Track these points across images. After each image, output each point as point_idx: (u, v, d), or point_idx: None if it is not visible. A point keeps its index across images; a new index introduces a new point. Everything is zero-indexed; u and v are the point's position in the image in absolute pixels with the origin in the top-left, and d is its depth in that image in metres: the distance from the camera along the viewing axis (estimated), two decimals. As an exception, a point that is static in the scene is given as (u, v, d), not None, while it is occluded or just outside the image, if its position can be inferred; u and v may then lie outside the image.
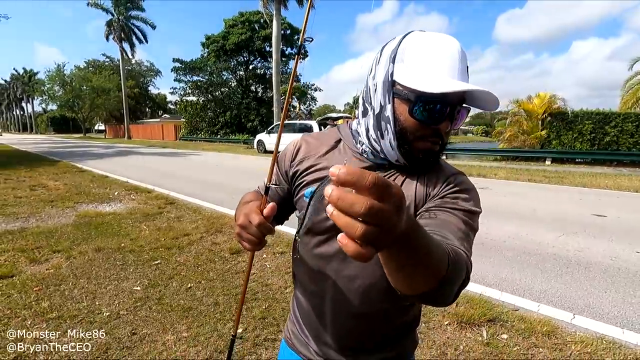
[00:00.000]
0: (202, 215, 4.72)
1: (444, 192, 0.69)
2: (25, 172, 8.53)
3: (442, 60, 0.62)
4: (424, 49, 0.63)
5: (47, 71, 36.26)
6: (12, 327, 2.06)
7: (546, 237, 3.91)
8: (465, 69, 0.63)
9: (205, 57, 30.10)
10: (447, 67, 0.61)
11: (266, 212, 0.63)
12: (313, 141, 0.81)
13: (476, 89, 0.60)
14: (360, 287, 0.72)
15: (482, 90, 0.60)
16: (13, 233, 3.83)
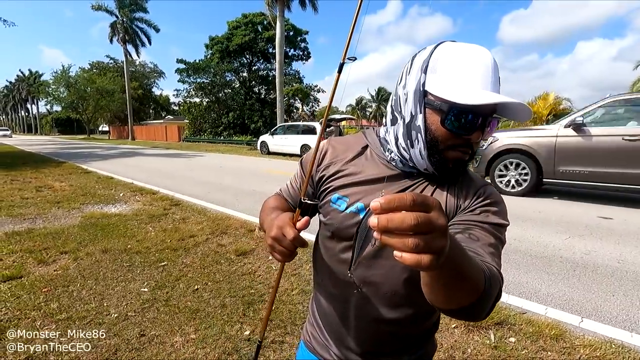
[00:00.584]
0: (207, 216, 4.74)
1: (474, 205, 0.70)
2: (31, 173, 8.60)
3: (475, 71, 0.62)
4: (456, 59, 0.64)
5: (53, 72, 36.53)
6: (22, 328, 2.08)
7: (552, 240, 3.89)
8: (497, 80, 0.64)
9: (208, 59, 30.23)
10: (480, 78, 0.62)
11: (299, 226, 0.64)
12: (339, 146, 0.81)
13: (510, 101, 0.60)
14: (386, 293, 0.72)
15: (516, 102, 0.60)
16: (21, 234, 3.86)
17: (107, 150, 18.91)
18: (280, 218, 0.68)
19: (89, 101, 37.50)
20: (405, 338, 0.78)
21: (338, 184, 0.77)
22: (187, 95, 30.90)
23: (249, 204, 5.60)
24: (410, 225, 0.31)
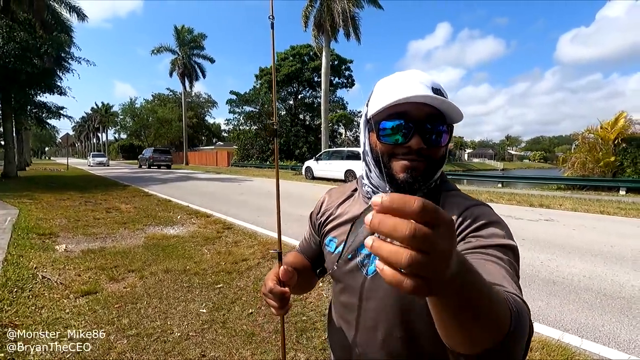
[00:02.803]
0: (257, 240, 4.89)
1: (461, 231, 0.64)
2: (101, 196, 9.49)
3: (396, 86, 0.68)
4: (386, 83, 0.72)
5: (122, 105, 40.81)
6: (99, 341, 2.27)
7: (629, 278, 3.50)
8: (428, 88, 0.66)
9: (258, 88, 32.02)
10: (400, 89, 0.66)
11: (282, 277, 0.70)
12: (335, 193, 0.90)
13: (415, 95, 0.63)
14: (383, 339, 0.70)
15: (434, 98, 0.63)
16: (95, 252, 4.25)
17: (165, 174, 20.37)
18: (269, 273, 0.74)
19: (150, 129, 41.10)
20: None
21: (329, 227, 0.82)
22: (238, 124, 32.75)
23: (297, 228, 5.70)
24: (403, 235, 0.26)
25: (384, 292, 0.69)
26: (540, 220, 6.58)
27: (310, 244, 0.93)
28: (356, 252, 0.73)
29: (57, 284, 3.23)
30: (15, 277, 3.31)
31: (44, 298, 2.92)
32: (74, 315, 2.62)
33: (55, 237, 4.92)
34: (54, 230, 5.30)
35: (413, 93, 0.64)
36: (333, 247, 0.80)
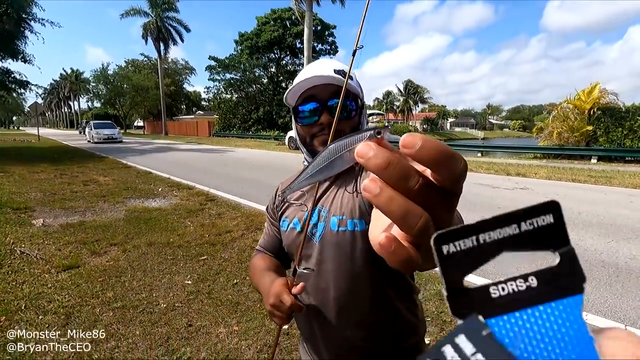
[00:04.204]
0: (241, 212, 4.91)
1: None
2: (77, 168, 9.20)
3: (304, 74, 0.80)
4: (299, 75, 0.83)
5: (93, 71, 38.59)
6: (84, 314, 2.29)
7: (593, 243, 3.75)
8: (330, 70, 0.78)
9: (238, 55, 30.80)
10: (306, 75, 0.78)
11: (295, 291, 0.73)
12: (286, 181, 0.96)
13: (313, 76, 0.77)
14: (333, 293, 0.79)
15: (339, 79, 0.76)
16: (74, 226, 4.19)
17: (143, 145, 19.79)
18: (276, 285, 0.76)
19: (125, 97, 39.32)
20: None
21: (281, 211, 0.92)
22: (218, 92, 31.69)
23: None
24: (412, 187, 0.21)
25: (333, 253, 0.78)
26: (516, 188, 6.83)
27: (273, 235, 0.98)
28: (304, 223, 0.82)
29: (36, 259, 3.19)
30: (-8, 253, 3.24)
31: (24, 273, 2.89)
32: (57, 290, 2.62)
33: (31, 212, 4.80)
34: (29, 204, 5.15)
35: (312, 74, 0.77)
36: (285, 226, 0.88)
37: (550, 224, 0.16)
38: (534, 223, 0.16)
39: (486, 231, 0.16)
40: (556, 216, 0.16)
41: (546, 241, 0.16)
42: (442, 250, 0.16)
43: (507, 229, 0.16)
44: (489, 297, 0.15)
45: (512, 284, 0.15)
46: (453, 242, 0.16)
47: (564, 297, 0.15)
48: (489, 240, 0.16)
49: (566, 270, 0.16)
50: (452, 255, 0.16)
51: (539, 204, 0.16)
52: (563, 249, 0.16)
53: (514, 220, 0.16)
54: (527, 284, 0.15)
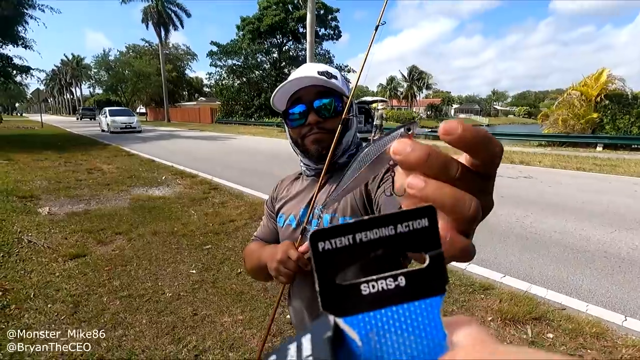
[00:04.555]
0: (244, 201, 4.94)
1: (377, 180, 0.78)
2: (81, 156, 9.23)
3: (290, 78, 0.85)
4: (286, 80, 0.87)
5: (94, 57, 38.29)
6: (91, 302, 2.34)
7: (596, 233, 3.75)
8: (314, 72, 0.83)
9: (240, 40, 30.39)
10: (287, 80, 0.84)
11: (302, 249, 0.76)
12: (286, 179, 1.03)
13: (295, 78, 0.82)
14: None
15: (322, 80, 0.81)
16: (79, 215, 4.23)
17: (146, 132, 19.77)
18: (283, 244, 0.81)
19: (127, 84, 39.11)
20: None
21: (279, 206, 0.96)
22: (219, 78, 31.42)
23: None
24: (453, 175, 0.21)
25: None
26: (520, 177, 6.80)
27: (271, 228, 1.01)
28: (299, 220, 0.88)
29: (44, 247, 3.24)
30: (0, 241, 3.29)
31: (33, 262, 2.94)
32: (65, 279, 2.67)
33: (37, 200, 4.84)
34: (34, 192, 5.20)
35: (295, 77, 0.82)
36: (282, 222, 0.93)
37: (424, 227, 0.16)
38: (409, 225, 0.16)
39: (363, 231, 0.16)
40: (430, 220, 0.16)
41: (419, 243, 0.16)
42: (317, 246, 0.16)
43: (383, 229, 0.16)
44: (359, 293, 0.16)
45: (382, 282, 0.16)
46: (329, 240, 0.16)
47: (426, 297, 0.16)
48: (365, 239, 0.16)
49: (433, 272, 0.16)
50: (327, 251, 0.16)
51: (416, 208, 0.16)
52: (433, 252, 0.16)
53: (391, 221, 0.16)
54: (396, 283, 0.16)
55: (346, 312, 0.16)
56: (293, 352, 0.14)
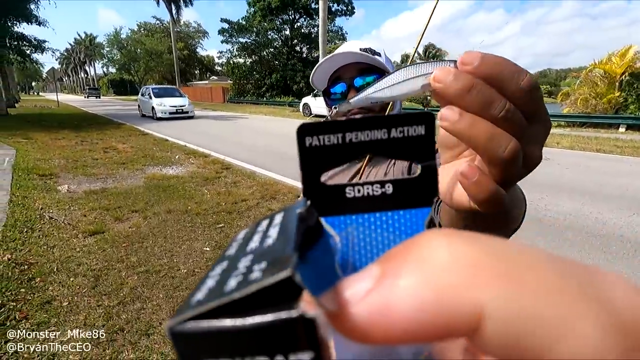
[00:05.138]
0: (256, 181, 4.98)
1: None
2: (96, 135, 9.40)
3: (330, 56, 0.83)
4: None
5: (107, 35, 38.30)
6: (111, 277, 2.44)
7: (613, 217, 3.67)
8: (355, 49, 0.80)
9: (251, 17, 29.82)
10: (327, 60, 0.81)
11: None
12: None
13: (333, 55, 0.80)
14: None
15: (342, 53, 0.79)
16: (97, 193, 4.35)
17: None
18: None
19: (139, 62, 39.16)
20: None
21: None
22: (231, 56, 31.10)
23: (295, 169, 5.76)
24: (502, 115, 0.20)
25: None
26: (536, 159, 6.64)
27: None
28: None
29: (64, 224, 3.36)
30: (23, 217, 3.43)
31: (54, 238, 3.07)
32: (85, 254, 2.78)
33: (56, 178, 4.99)
34: (53, 170, 5.35)
35: (335, 53, 0.80)
36: None
37: (420, 136, 0.15)
38: (404, 131, 0.15)
39: (353, 130, 0.15)
40: (428, 128, 0.15)
41: (413, 152, 0.16)
42: (304, 141, 0.15)
43: (376, 132, 0.15)
44: (343, 196, 0.16)
45: (368, 188, 0.15)
46: (317, 135, 0.15)
47: (413, 208, 0.16)
48: (355, 140, 0.15)
49: (423, 184, 0.16)
50: (314, 148, 0.15)
51: (413, 112, 0.15)
52: (426, 163, 0.16)
53: (384, 124, 0.15)
54: (383, 190, 0.15)
55: (327, 212, 0.15)
56: (264, 225, 0.14)
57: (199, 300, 0.10)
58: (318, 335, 0.09)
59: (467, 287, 0.09)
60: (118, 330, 1.94)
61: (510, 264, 0.09)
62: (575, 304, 0.08)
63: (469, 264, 0.09)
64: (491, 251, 0.09)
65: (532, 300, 0.08)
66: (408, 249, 0.10)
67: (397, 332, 0.09)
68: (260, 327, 0.09)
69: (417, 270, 0.09)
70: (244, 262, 0.11)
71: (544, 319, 0.08)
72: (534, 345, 0.08)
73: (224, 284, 0.10)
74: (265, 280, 0.09)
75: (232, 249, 0.13)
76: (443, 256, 0.09)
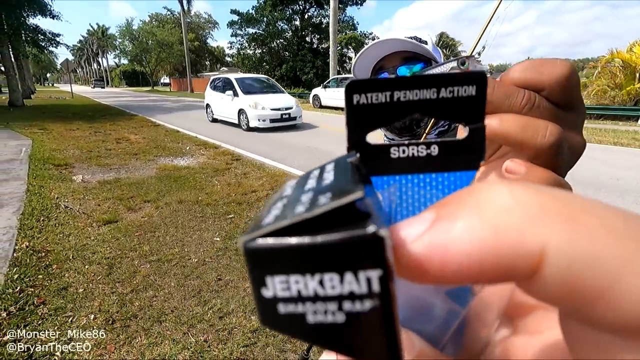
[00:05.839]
0: (266, 172, 5.01)
1: None
2: (109, 126, 9.54)
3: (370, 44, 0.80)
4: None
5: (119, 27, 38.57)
6: (124, 265, 2.50)
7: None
8: (400, 36, 0.77)
9: (262, 6, 29.64)
10: (369, 47, 0.79)
11: None
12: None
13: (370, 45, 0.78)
14: None
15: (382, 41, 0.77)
16: (110, 183, 4.44)
17: (171, 103, 20.07)
18: None
19: (151, 54, 39.40)
20: None
21: None
22: (241, 47, 31.06)
23: (304, 160, 5.78)
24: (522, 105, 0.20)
25: None
26: (550, 152, 6.51)
27: None
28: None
29: (79, 213, 3.44)
30: (40, 206, 3.52)
31: (70, 226, 3.15)
32: (99, 242, 2.85)
33: (70, 168, 5.10)
34: (68, 161, 5.46)
35: (377, 40, 0.77)
36: None
37: (470, 96, 0.15)
38: (454, 92, 0.15)
39: (402, 89, 0.15)
40: (479, 89, 0.15)
41: (462, 113, 0.15)
42: (352, 99, 0.15)
43: (425, 91, 0.15)
44: (388, 156, 0.15)
45: (413, 149, 0.15)
46: (365, 93, 0.15)
47: (458, 171, 0.15)
48: (403, 99, 0.15)
49: (470, 146, 0.15)
50: (361, 106, 0.15)
51: (465, 72, 0.15)
52: (475, 125, 0.15)
53: (434, 84, 0.15)
54: (428, 151, 0.15)
55: (371, 172, 0.15)
56: (316, 173, 0.14)
57: (269, 222, 0.10)
58: (386, 255, 0.09)
59: (530, 227, 0.09)
60: (131, 316, 1.99)
61: (574, 208, 0.09)
62: (636, 245, 0.08)
63: (532, 206, 0.09)
64: (555, 196, 0.09)
65: (595, 240, 0.08)
66: (465, 195, 0.10)
67: (453, 270, 0.09)
68: (331, 244, 0.09)
69: (476, 211, 0.09)
70: (305, 196, 0.11)
71: (607, 258, 0.08)
72: (595, 285, 0.08)
73: (291, 209, 0.10)
74: (337, 202, 0.10)
75: (287, 191, 0.13)
76: (505, 199, 0.09)
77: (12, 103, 14.62)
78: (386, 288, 0.09)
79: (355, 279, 0.09)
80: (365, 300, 0.09)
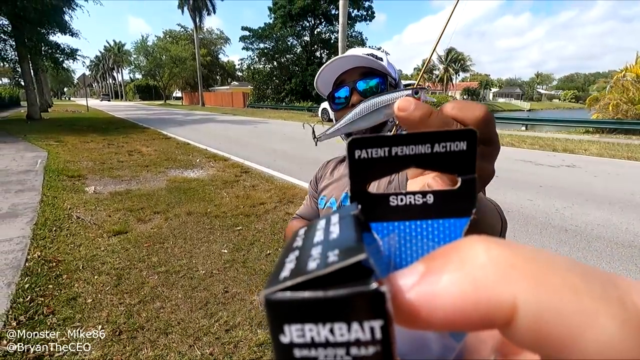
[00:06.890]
0: (274, 185, 5.03)
1: None
2: (122, 138, 9.74)
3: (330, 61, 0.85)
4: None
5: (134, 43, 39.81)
6: (132, 276, 2.52)
7: (645, 227, 3.49)
8: (359, 53, 0.83)
9: (272, 23, 30.35)
10: (330, 64, 0.84)
11: None
12: (331, 162, 1.03)
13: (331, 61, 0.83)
14: None
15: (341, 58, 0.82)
16: (121, 194, 4.50)
17: (183, 116, 20.46)
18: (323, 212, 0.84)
19: (164, 69, 40.44)
20: None
21: (321, 187, 0.98)
22: (251, 62, 31.71)
23: (312, 172, 5.78)
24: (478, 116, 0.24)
25: None
26: (562, 166, 6.42)
27: (312, 207, 1.04)
28: (341, 204, 0.88)
29: (90, 223, 3.49)
30: (53, 217, 3.59)
31: (81, 237, 3.19)
32: (109, 253, 2.88)
33: (83, 179, 5.20)
34: (82, 172, 5.57)
35: (336, 57, 0.83)
36: (322, 204, 0.95)
37: (462, 151, 0.16)
38: (447, 147, 0.16)
39: (400, 145, 0.16)
40: (469, 144, 0.16)
41: (454, 165, 0.16)
42: (354, 154, 0.16)
43: (420, 146, 0.16)
44: (387, 204, 0.17)
45: (410, 197, 0.17)
46: (366, 149, 0.16)
47: (451, 218, 0.16)
48: (401, 154, 0.16)
49: (463, 196, 0.17)
50: (362, 160, 0.16)
51: (457, 129, 0.16)
52: (467, 176, 0.16)
53: (428, 140, 0.16)
54: (424, 200, 0.16)
55: (372, 218, 0.17)
56: (322, 224, 0.15)
57: (285, 277, 0.11)
58: (387, 307, 0.10)
59: (503, 283, 0.10)
60: (138, 328, 1.99)
61: (539, 265, 0.10)
62: (597, 301, 0.09)
63: (504, 264, 0.11)
64: (523, 254, 0.11)
65: (559, 296, 0.09)
66: (450, 250, 0.12)
67: (439, 318, 0.11)
68: (340, 298, 0.10)
69: (459, 267, 0.11)
70: (315, 251, 0.12)
71: (568, 313, 0.09)
72: (560, 336, 0.09)
73: (304, 265, 0.12)
74: (345, 262, 0.11)
75: (298, 242, 0.14)
76: (482, 257, 0.11)
77: (30, 116, 15.08)
78: (387, 335, 0.10)
79: (360, 327, 0.11)
80: (370, 346, 0.11)
